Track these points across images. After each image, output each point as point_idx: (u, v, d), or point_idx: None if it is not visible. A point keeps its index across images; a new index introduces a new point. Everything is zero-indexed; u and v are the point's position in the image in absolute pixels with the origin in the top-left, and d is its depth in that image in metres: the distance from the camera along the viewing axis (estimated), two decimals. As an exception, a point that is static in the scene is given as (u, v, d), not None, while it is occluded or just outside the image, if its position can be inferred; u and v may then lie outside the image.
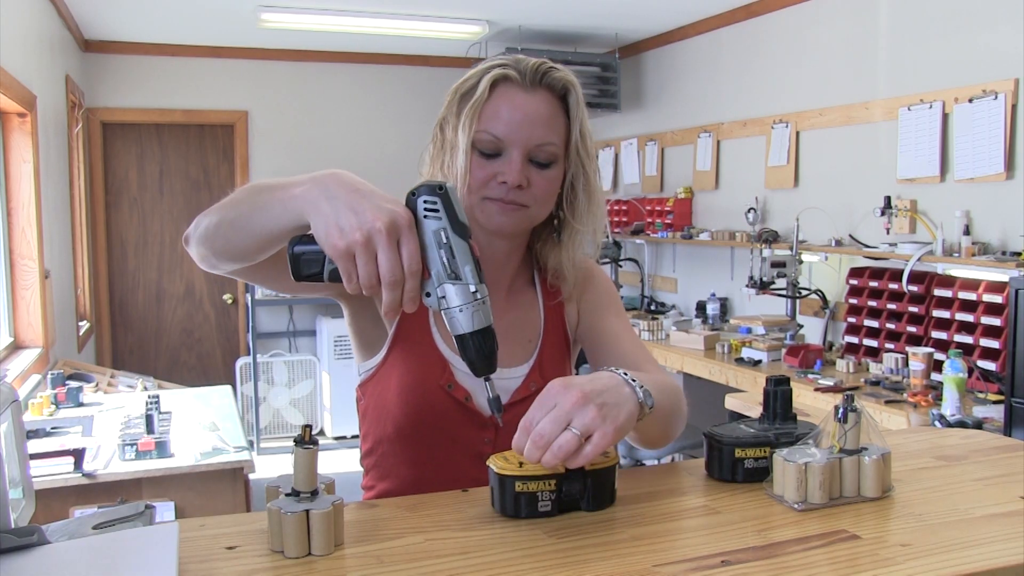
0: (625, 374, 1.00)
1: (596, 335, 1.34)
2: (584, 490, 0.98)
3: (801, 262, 4.00)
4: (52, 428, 2.93)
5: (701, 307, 4.63)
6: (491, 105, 1.20)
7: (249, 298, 5.59)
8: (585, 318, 1.36)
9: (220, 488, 2.70)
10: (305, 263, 0.92)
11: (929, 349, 3.11)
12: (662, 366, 4.23)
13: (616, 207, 5.52)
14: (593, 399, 0.92)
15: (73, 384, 3.47)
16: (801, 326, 4.06)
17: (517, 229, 1.25)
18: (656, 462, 3.72)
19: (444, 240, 0.90)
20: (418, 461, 1.25)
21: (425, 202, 0.91)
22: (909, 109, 3.56)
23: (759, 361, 3.70)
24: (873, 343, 3.66)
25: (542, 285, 1.35)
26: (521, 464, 0.97)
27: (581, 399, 0.92)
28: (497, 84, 1.21)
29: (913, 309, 3.47)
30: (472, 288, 0.91)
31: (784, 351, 3.70)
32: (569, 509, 0.98)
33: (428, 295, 0.92)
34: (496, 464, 0.97)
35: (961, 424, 2.61)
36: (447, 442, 1.24)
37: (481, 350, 0.93)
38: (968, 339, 3.18)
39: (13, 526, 0.88)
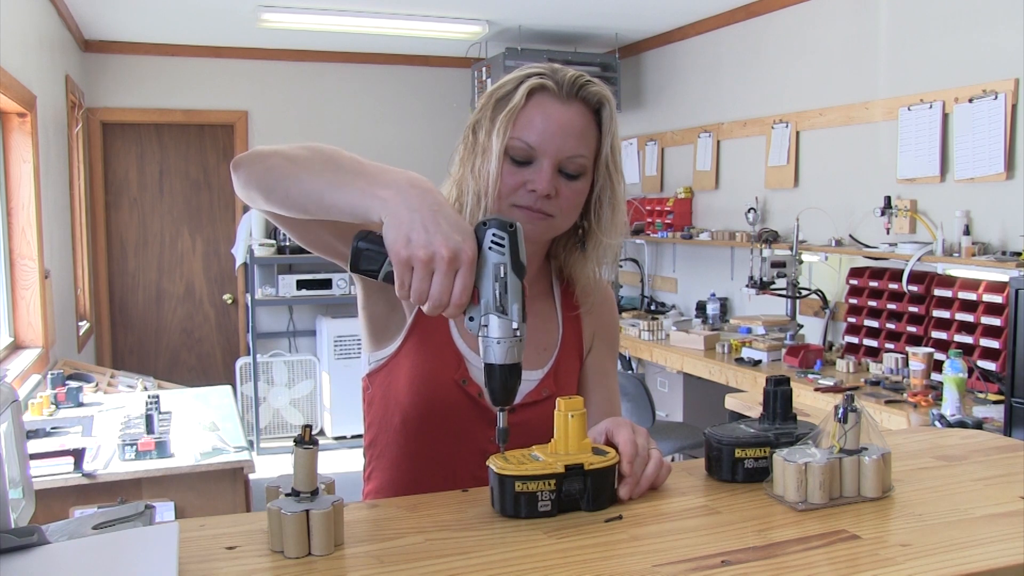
0: None
1: (595, 374, 1.38)
2: (584, 490, 0.98)
3: (801, 262, 4.00)
4: (52, 428, 2.93)
5: (701, 307, 4.63)
6: (526, 113, 1.21)
7: (249, 298, 5.59)
8: (594, 350, 1.39)
9: (220, 488, 2.70)
10: (366, 259, 0.97)
11: (929, 349, 3.11)
12: (662, 366, 4.23)
13: (616, 207, 5.51)
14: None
15: (73, 384, 3.47)
16: (801, 326, 4.06)
17: (542, 238, 1.26)
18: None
19: (502, 275, 0.94)
20: (421, 454, 1.26)
21: (494, 235, 0.94)
22: (909, 109, 3.56)
23: (759, 361, 3.71)
24: (873, 343, 3.66)
25: (562, 297, 1.36)
26: (522, 464, 0.97)
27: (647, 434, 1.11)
28: (534, 93, 1.21)
29: (913, 309, 3.47)
30: (515, 325, 0.95)
31: (784, 351, 3.70)
32: (569, 509, 0.98)
33: (471, 319, 0.96)
34: (496, 464, 0.97)
35: (961, 424, 2.61)
36: (453, 437, 1.25)
37: (506, 383, 0.97)
38: (968, 339, 3.18)
39: (13, 526, 0.88)
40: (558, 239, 1.32)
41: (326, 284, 5.71)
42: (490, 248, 0.94)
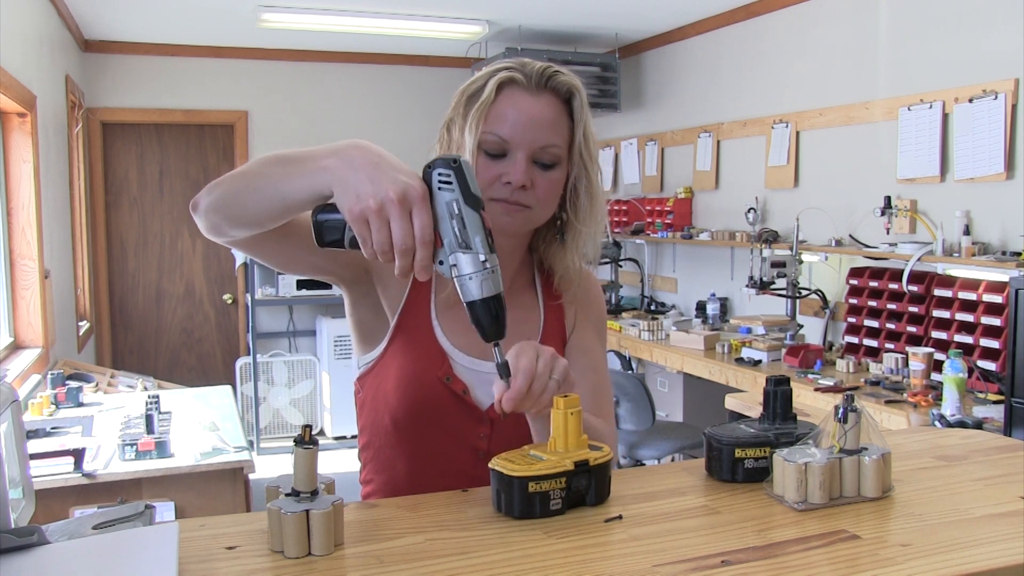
0: None
1: (576, 351, 1.37)
2: (588, 485, 0.99)
3: (801, 262, 4.00)
4: (52, 428, 2.93)
5: (701, 307, 4.63)
6: (497, 107, 1.21)
7: (249, 298, 5.59)
8: (575, 335, 1.38)
9: (220, 488, 2.70)
10: (328, 230, 0.97)
11: (929, 349, 3.11)
12: (662, 366, 4.23)
13: (616, 207, 5.52)
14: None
15: (73, 384, 3.47)
16: (801, 326, 4.05)
17: (521, 229, 1.27)
18: (656, 462, 3.72)
19: (456, 211, 0.94)
20: (414, 454, 1.26)
21: (440, 175, 0.95)
22: (909, 109, 3.56)
23: (759, 361, 3.70)
24: (873, 343, 3.66)
25: (544, 287, 1.36)
26: (530, 464, 0.97)
27: (553, 353, 1.06)
28: (503, 87, 1.22)
29: (913, 309, 3.47)
30: (482, 257, 0.95)
31: (784, 351, 3.70)
32: (575, 505, 0.99)
33: (441, 263, 0.96)
34: (505, 467, 0.97)
35: (961, 424, 2.61)
36: (443, 435, 1.25)
37: (492, 315, 0.97)
38: (968, 339, 3.18)
39: (13, 526, 0.88)
40: (538, 231, 1.32)
41: (326, 284, 5.69)
42: (439, 188, 0.94)
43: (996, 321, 3.08)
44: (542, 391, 1.02)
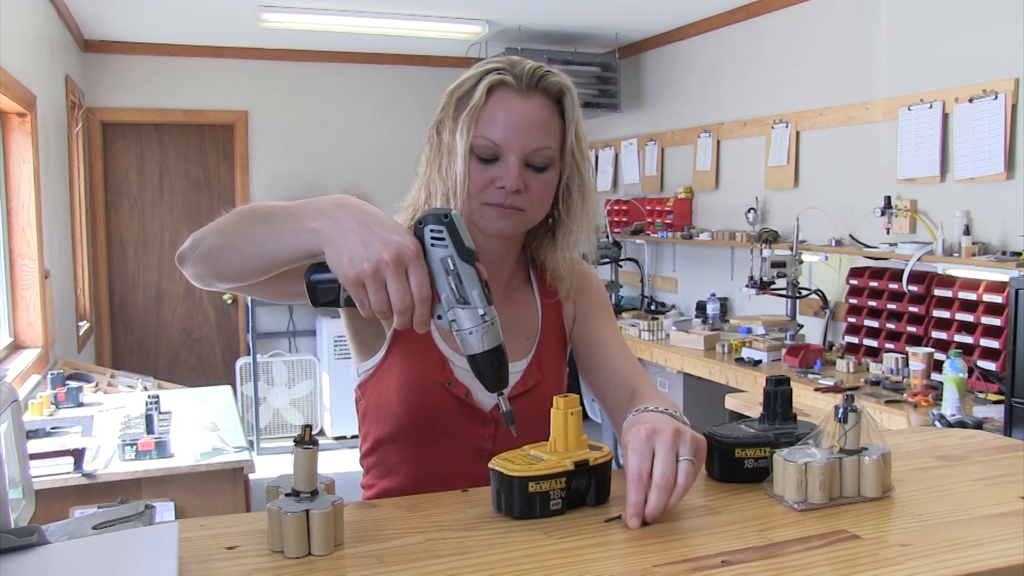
0: (666, 410, 1.09)
1: (590, 343, 1.36)
2: (588, 485, 0.99)
3: (801, 262, 4.00)
4: (52, 428, 2.93)
5: (701, 307, 4.63)
6: (488, 111, 1.20)
7: (249, 298, 5.59)
8: (580, 322, 1.38)
9: (220, 488, 2.70)
10: (322, 291, 0.96)
11: (929, 349, 3.11)
12: (662, 366, 4.22)
13: (616, 207, 5.52)
14: (681, 428, 0.98)
15: (73, 384, 3.47)
16: (801, 326, 4.05)
17: (515, 232, 1.26)
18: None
19: (451, 267, 0.93)
20: (419, 459, 1.26)
21: (432, 231, 0.94)
22: (909, 109, 3.56)
23: (759, 361, 3.70)
24: (873, 343, 3.66)
25: (539, 284, 1.37)
26: (530, 464, 0.97)
27: (674, 432, 0.97)
28: (494, 89, 1.21)
29: (913, 309, 3.47)
30: (481, 311, 0.94)
31: (784, 351, 3.70)
32: (575, 505, 0.99)
33: (439, 318, 0.95)
34: (505, 467, 0.97)
35: (961, 424, 2.61)
36: (447, 439, 1.25)
37: (492, 367, 0.97)
38: (968, 339, 3.18)
39: (13, 526, 0.88)
40: (531, 230, 1.32)
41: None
42: (432, 245, 0.93)
43: (996, 321, 3.08)
44: (670, 493, 0.94)
